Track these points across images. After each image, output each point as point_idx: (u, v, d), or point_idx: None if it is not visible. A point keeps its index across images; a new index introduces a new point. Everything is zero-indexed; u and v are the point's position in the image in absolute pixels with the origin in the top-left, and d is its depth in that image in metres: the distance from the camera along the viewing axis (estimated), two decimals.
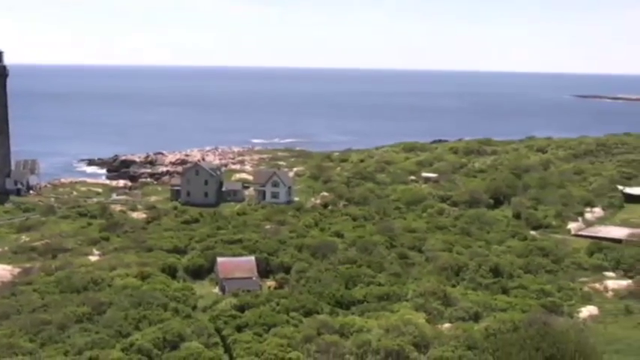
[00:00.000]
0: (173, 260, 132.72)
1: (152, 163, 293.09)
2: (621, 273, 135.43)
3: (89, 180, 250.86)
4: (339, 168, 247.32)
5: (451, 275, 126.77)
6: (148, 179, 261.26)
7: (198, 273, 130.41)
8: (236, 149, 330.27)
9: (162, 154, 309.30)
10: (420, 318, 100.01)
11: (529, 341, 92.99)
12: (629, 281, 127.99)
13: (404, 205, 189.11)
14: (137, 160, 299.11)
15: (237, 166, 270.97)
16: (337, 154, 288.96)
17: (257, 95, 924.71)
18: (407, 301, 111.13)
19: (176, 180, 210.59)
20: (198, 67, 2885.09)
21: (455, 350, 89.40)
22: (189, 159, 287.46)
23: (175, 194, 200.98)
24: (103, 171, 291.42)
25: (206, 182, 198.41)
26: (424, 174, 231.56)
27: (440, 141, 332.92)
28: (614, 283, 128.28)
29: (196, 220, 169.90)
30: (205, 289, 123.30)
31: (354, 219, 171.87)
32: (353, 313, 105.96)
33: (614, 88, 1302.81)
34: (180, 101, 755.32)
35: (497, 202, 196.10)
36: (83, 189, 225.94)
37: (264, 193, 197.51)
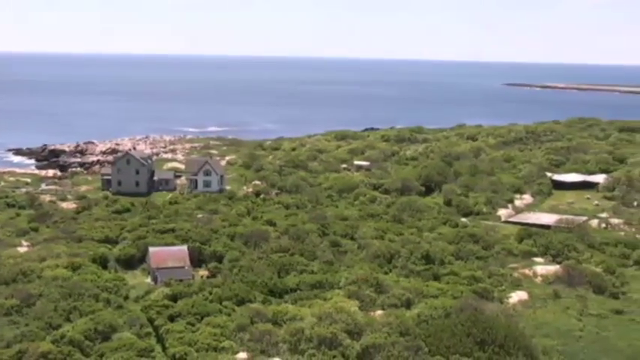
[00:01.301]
0: (104, 250, 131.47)
1: (82, 153, 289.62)
2: (550, 259, 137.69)
3: (18, 170, 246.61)
4: (271, 156, 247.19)
5: (383, 262, 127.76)
6: (78, 169, 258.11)
7: (130, 263, 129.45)
8: (167, 138, 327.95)
9: (92, 143, 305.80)
10: (353, 305, 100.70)
11: (460, 327, 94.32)
12: (558, 267, 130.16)
13: (336, 194, 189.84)
14: (67, 149, 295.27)
15: (169, 155, 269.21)
16: (269, 142, 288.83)
17: (188, 83, 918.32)
18: (340, 288, 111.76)
19: (107, 169, 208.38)
20: (129, 55, 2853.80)
21: (387, 337, 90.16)
22: (120, 148, 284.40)
23: (106, 184, 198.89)
24: (32, 161, 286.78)
25: (137, 171, 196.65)
26: (356, 162, 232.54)
27: (372, 129, 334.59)
28: (543, 268, 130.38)
29: (128, 210, 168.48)
30: (137, 279, 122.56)
31: (287, 207, 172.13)
32: (286, 302, 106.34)
33: (543, 76, 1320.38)
34: (110, 90, 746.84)
35: (429, 189, 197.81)
36: (11, 179, 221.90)
37: (196, 182, 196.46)
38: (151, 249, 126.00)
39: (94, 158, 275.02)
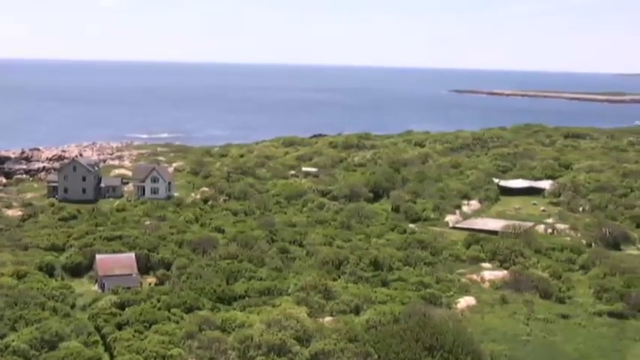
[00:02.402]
0: (50, 258, 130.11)
1: (28, 159, 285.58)
2: (497, 264, 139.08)
3: None
4: (218, 163, 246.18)
5: (332, 269, 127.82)
6: (24, 176, 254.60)
7: (77, 271, 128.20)
8: (114, 145, 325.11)
9: (38, 149, 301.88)
10: (302, 312, 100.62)
11: (409, 332, 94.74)
12: (505, 272, 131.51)
13: (284, 200, 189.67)
14: (12, 156, 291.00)
15: (116, 162, 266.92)
16: (217, 148, 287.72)
17: (134, 90, 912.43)
18: (288, 295, 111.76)
19: (53, 176, 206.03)
20: (70, 61, 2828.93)
21: (336, 343, 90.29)
22: (67, 155, 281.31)
23: (52, 191, 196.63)
24: None
25: (84, 178, 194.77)
26: (304, 168, 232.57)
27: (319, 135, 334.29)
28: (491, 273, 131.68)
29: (74, 217, 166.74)
30: (84, 287, 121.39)
31: (235, 214, 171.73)
32: (234, 309, 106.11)
33: (489, 83, 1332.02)
34: (55, 96, 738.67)
35: (377, 195, 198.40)
36: None
37: (143, 188, 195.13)
38: (98, 256, 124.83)
39: (40, 165, 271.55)
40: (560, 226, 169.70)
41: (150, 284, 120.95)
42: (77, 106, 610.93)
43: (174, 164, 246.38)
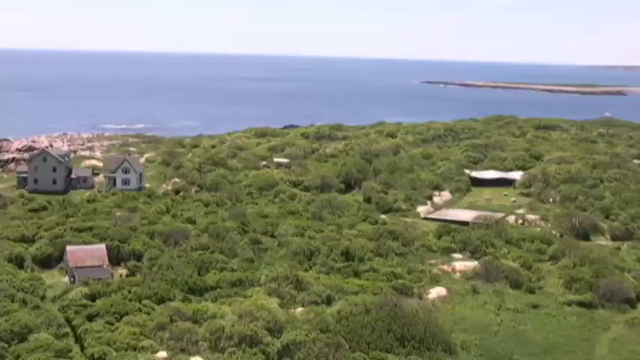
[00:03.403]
0: (20, 250, 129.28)
1: None
2: (468, 254, 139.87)
3: None
4: (190, 154, 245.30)
5: (303, 260, 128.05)
6: None
7: (47, 262, 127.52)
8: (85, 135, 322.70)
9: (7, 140, 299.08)
10: (273, 303, 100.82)
11: (380, 323, 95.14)
12: (476, 262, 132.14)
13: (256, 191, 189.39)
14: None
15: (87, 153, 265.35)
16: (188, 139, 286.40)
17: (105, 80, 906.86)
18: (260, 286, 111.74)
19: (23, 167, 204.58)
20: (42, 50, 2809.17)
21: (308, 334, 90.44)
22: (37, 145, 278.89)
23: (22, 182, 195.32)
24: None
25: (54, 169, 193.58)
26: (276, 159, 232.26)
27: (291, 126, 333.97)
28: (462, 264, 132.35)
29: (44, 208, 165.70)
30: (55, 279, 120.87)
31: (206, 205, 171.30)
32: (206, 300, 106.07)
33: (460, 74, 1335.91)
34: (26, 86, 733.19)
35: (349, 186, 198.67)
36: None
37: (114, 179, 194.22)
38: (69, 248, 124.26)
39: (10, 156, 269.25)
40: (531, 216, 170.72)
41: (121, 275, 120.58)
42: (49, 96, 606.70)
43: (146, 155, 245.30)
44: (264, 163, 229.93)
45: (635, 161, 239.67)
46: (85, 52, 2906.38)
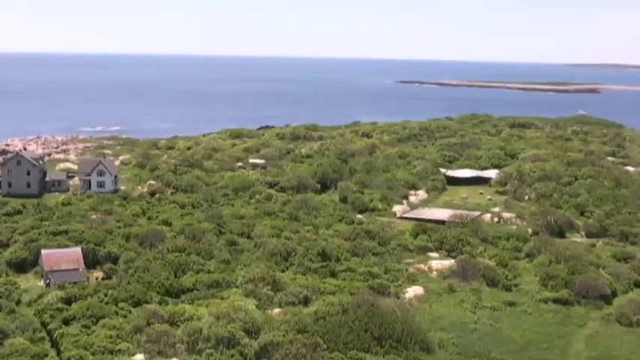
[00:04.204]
0: None
1: None
2: (444, 253, 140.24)
3: None
4: (165, 156, 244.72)
5: (280, 260, 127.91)
6: None
7: (22, 266, 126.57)
8: (60, 138, 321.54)
9: None
10: (250, 304, 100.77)
11: (358, 323, 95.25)
12: (452, 261, 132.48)
13: (232, 192, 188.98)
14: None
15: (62, 156, 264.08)
16: (164, 141, 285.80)
17: (81, 83, 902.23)
18: (237, 287, 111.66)
19: None
20: (16, 54, 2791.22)
21: (285, 334, 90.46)
22: (10, 149, 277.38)
23: None
24: None
25: (28, 172, 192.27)
26: (251, 160, 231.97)
27: (267, 127, 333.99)
28: (438, 263, 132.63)
29: (19, 212, 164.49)
30: (30, 283, 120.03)
31: (182, 207, 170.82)
32: (183, 302, 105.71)
33: (436, 74, 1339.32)
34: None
35: (324, 186, 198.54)
36: None
37: (89, 182, 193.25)
38: (44, 251, 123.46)
39: None
40: (507, 214, 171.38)
41: (97, 279, 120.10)
42: (22, 99, 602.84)
43: (121, 157, 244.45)
44: (240, 164, 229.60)
45: (609, 158, 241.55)
46: (59, 54, 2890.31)
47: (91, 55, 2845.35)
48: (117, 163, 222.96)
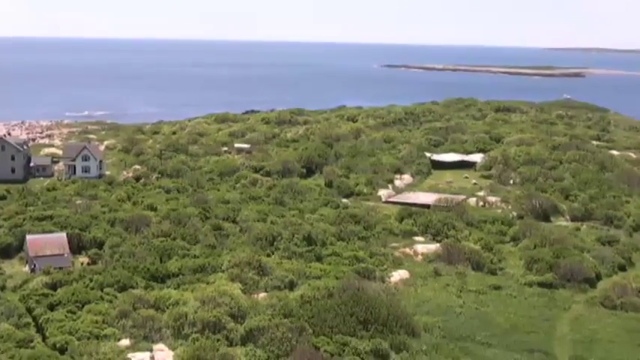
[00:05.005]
0: None
1: None
2: (430, 237, 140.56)
3: None
4: (150, 140, 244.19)
5: (266, 245, 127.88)
6: None
7: (7, 252, 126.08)
8: (44, 123, 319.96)
9: None
10: (236, 288, 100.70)
11: (343, 307, 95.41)
12: (438, 245, 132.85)
13: (217, 177, 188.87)
14: None
15: (46, 141, 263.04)
16: (149, 126, 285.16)
17: (65, 67, 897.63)
18: (222, 272, 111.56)
19: None
20: (2, 38, 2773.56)
21: (271, 319, 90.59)
22: None
23: None
24: None
25: (13, 157, 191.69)
26: (237, 145, 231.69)
27: (252, 111, 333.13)
28: (424, 247, 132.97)
29: (3, 197, 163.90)
30: (15, 268, 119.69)
31: (168, 192, 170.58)
32: (168, 287, 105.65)
33: (421, 58, 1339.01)
34: None
35: (310, 171, 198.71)
36: None
37: (74, 167, 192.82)
38: (29, 237, 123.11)
39: None
40: (492, 198, 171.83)
41: (82, 264, 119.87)
42: (6, 84, 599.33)
43: (106, 142, 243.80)
44: (225, 148, 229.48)
45: (594, 142, 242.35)
46: (44, 39, 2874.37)
47: (80, 40, 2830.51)
48: (102, 148, 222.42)
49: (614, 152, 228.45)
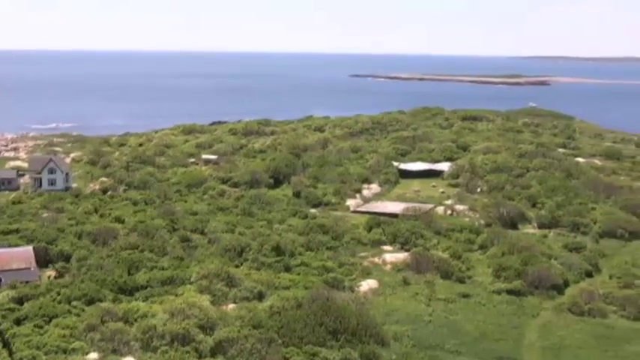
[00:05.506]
0: None
1: None
2: (398, 246, 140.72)
3: None
4: (117, 152, 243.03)
5: (234, 256, 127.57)
6: None
7: None
8: (9, 136, 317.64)
9: None
10: (205, 300, 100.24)
11: (312, 317, 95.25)
12: (406, 254, 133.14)
13: (185, 188, 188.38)
14: None
15: (11, 154, 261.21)
16: (115, 138, 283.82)
17: (29, 80, 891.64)
18: (191, 283, 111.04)
19: None
20: None
21: (240, 330, 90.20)
22: None
23: None
24: None
25: None
26: (204, 156, 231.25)
27: (219, 122, 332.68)
28: (392, 256, 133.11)
29: None
30: None
31: (135, 203, 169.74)
32: (137, 299, 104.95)
33: (388, 67, 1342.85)
34: None
35: (278, 181, 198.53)
36: None
37: (40, 180, 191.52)
38: None
39: None
40: (459, 207, 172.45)
41: (49, 277, 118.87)
42: None
43: (72, 155, 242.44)
44: (193, 160, 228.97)
45: (560, 150, 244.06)
46: (9, 51, 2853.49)
47: (44, 52, 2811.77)
48: (68, 160, 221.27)
49: (580, 159, 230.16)
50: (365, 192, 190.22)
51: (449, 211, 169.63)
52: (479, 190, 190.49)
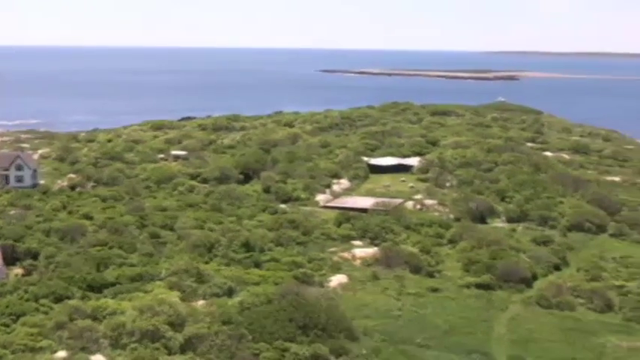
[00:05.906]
0: None
1: None
2: (368, 241, 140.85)
3: None
4: (86, 149, 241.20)
5: (204, 252, 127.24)
6: None
7: None
8: None
9: None
10: (175, 296, 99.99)
11: (282, 313, 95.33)
12: (376, 249, 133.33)
13: (154, 184, 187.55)
14: None
15: None
16: (84, 134, 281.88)
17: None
18: (160, 280, 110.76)
19: None
20: None
21: (210, 326, 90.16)
22: None
23: None
24: None
25: None
26: (173, 152, 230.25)
27: (188, 118, 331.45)
28: (362, 251, 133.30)
29: None
30: None
31: (104, 200, 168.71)
32: (106, 296, 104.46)
33: (358, 63, 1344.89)
34: None
35: (247, 177, 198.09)
36: None
37: (7, 177, 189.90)
38: None
39: None
40: (429, 201, 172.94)
41: (16, 275, 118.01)
42: None
43: (40, 151, 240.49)
44: (162, 156, 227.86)
45: (529, 144, 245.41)
46: None
47: (8, 47, 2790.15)
48: (36, 157, 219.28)
49: (548, 154, 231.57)
50: (335, 187, 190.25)
51: (418, 206, 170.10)
52: (448, 184, 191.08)
